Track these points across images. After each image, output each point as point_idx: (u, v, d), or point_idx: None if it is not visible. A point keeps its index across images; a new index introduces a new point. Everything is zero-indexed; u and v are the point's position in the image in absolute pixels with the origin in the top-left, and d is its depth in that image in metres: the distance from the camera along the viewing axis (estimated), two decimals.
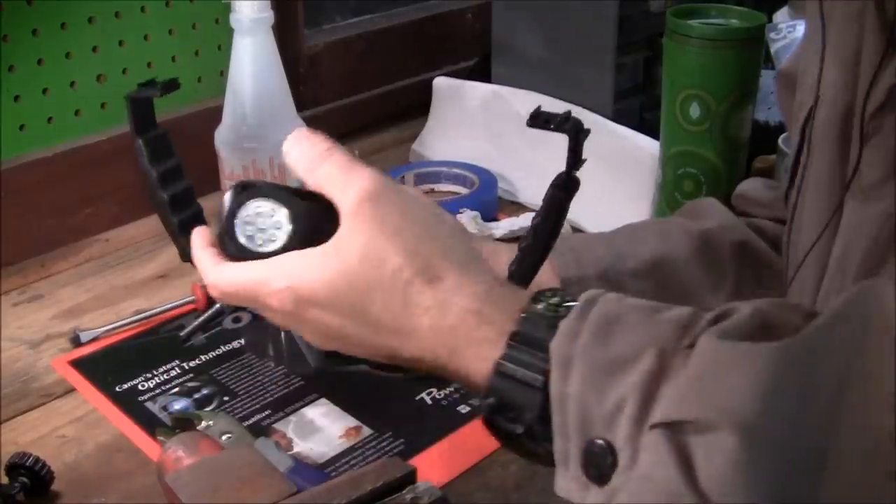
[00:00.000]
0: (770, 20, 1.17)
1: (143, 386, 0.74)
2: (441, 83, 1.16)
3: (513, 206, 1.05)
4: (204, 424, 0.66)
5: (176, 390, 0.74)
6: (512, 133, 1.08)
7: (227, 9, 0.85)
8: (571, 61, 1.05)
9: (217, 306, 0.82)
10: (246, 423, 0.69)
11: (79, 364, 0.78)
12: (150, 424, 0.70)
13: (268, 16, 0.85)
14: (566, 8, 1.04)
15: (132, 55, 1.00)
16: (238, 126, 0.87)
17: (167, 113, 1.00)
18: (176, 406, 0.72)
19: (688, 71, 0.84)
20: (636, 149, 0.98)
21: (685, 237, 0.74)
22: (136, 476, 0.66)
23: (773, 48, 1.13)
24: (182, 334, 0.80)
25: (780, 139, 0.87)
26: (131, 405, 0.72)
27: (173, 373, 0.76)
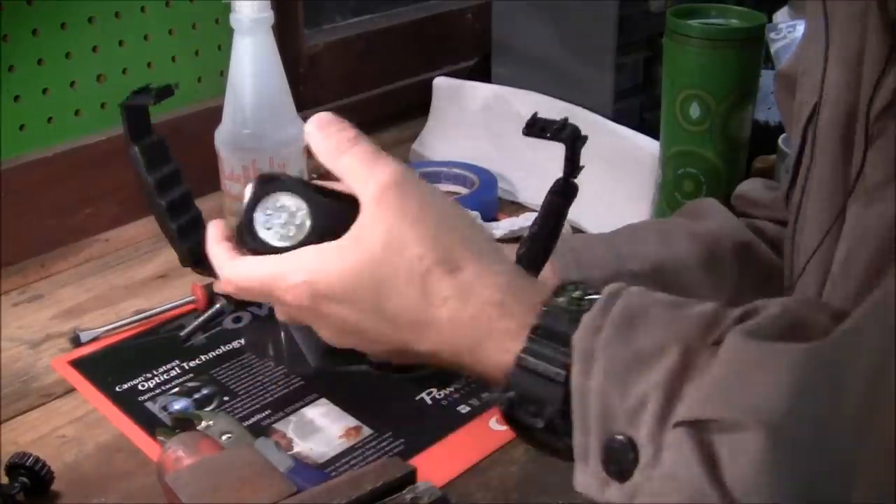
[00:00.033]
0: (770, 20, 1.17)
1: (143, 386, 0.74)
2: (441, 83, 1.16)
3: (513, 206, 1.05)
4: (204, 424, 0.66)
5: (176, 390, 0.74)
6: (512, 133, 1.08)
7: (227, 9, 0.85)
8: (571, 61, 1.05)
9: (217, 306, 0.82)
10: (246, 423, 0.69)
11: (79, 364, 0.78)
12: (150, 424, 0.70)
13: (268, 16, 0.85)
14: (566, 8, 1.04)
15: (132, 55, 1.00)
16: (238, 126, 0.87)
17: (167, 113, 1.00)
18: (176, 406, 0.72)
19: (688, 71, 0.84)
20: (636, 149, 0.98)
21: (686, 238, 0.74)
22: (136, 476, 0.66)
23: (773, 48, 1.13)
24: (182, 334, 0.80)
25: (780, 139, 0.87)
26: (131, 405, 0.72)
27: (173, 373, 0.76)
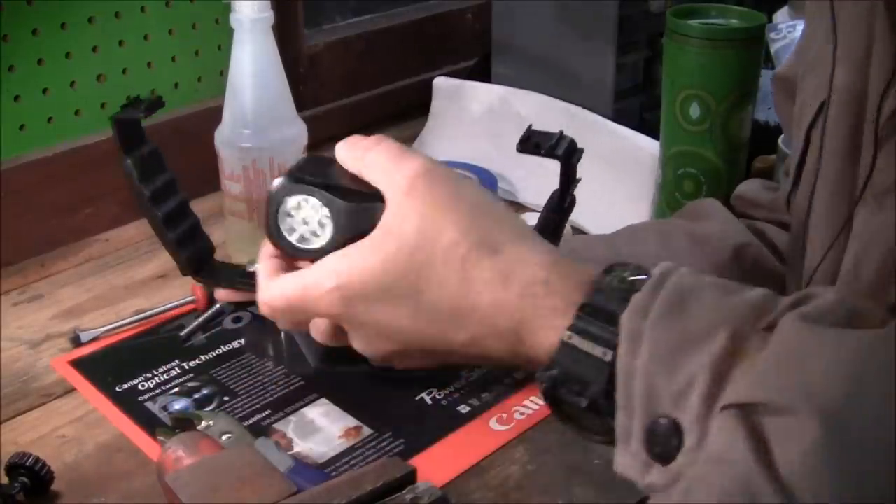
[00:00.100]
0: (770, 20, 1.17)
1: (143, 386, 0.74)
2: (441, 83, 1.16)
3: (513, 207, 1.05)
4: (204, 424, 0.66)
5: (176, 390, 0.74)
6: (512, 133, 1.07)
7: (227, 9, 0.85)
8: (571, 61, 1.05)
9: (217, 306, 0.82)
10: (246, 423, 0.69)
11: (79, 364, 0.77)
12: (150, 424, 0.70)
13: (268, 16, 0.85)
14: (566, 8, 1.04)
15: (132, 55, 1.00)
16: (238, 126, 0.87)
17: (167, 113, 1.00)
18: (176, 406, 0.72)
19: (688, 71, 0.84)
20: (636, 149, 0.98)
21: (686, 239, 0.74)
22: (136, 476, 0.66)
23: (773, 48, 1.13)
24: (182, 334, 0.80)
25: (780, 139, 0.87)
26: (131, 405, 0.72)
27: (173, 373, 0.76)
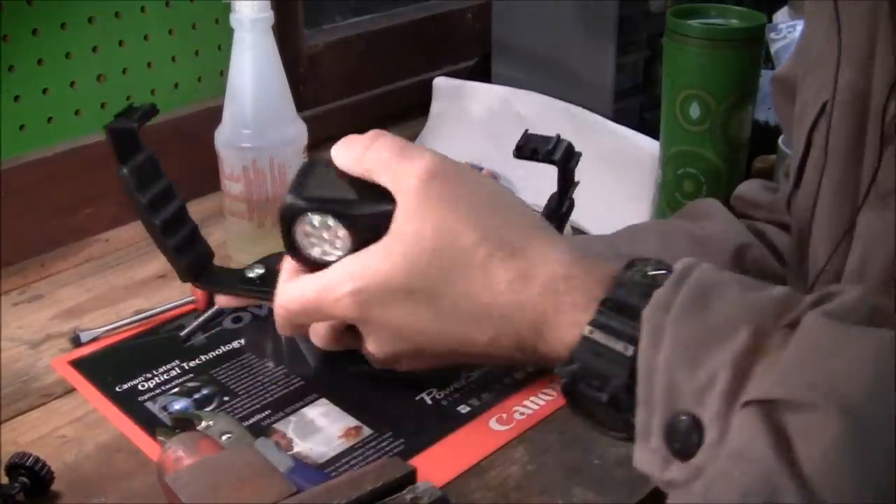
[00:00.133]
0: (770, 20, 1.17)
1: (143, 386, 0.74)
2: (441, 83, 1.16)
3: None
4: (204, 424, 0.66)
5: (176, 390, 0.74)
6: (512, 133, 1.07)
7: (227, 9, 0.85)
8: (571, 61, 1.05)
9: (217, 306, 0.82)
10: (246, 423, 0.69)
11: (79, 364, 0.77)
12: (150, 424, 0.70)
13: (268, 16, 0.85)
14: (566, 8, 1.04)
15: (132, 55, 1.00)
16: (238, 126, 0.87)
17: (167, 113, 1.00)
18: (176, 406, 0.72)
19: (688, 71, 0.84)
20: (636, 149, 0.98)
21: (686, 239, 0.74)
22: (136, 476, 0.66)
23: (773, 48, 1.13)
24: (182, 334, 0.80)
25: (780, 139, 0.87)
26: (131, 405, 0.72)
27: (173, 373, 0.76)
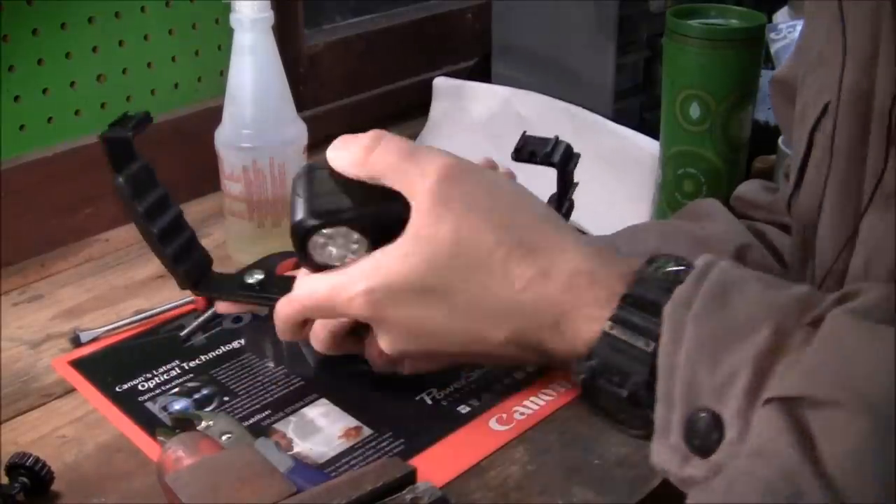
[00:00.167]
0: (770, 20, 1.17)
1: (143, 386, 0.74)
2: (441, 83, 1.16)
3: None
4: (204, 424, 0.66)
5: (176, 390, 0.74)
6: (512, 133, 1.07)
7: (227, 9, 0.85)
8: (571, 61, 1.05)
9: (217, 313, 0.82)
10: (246, 423, 0.69)
11: (79, 364, 0.77)
12: (150, 424, 0.70)
13: (268, 16, 0.85)
14: (566, 8, 1.04)
15: (132, 55, 1.00)
16: (238, 126, 0.87)
17: (167, 113, 1.00)
18: (176, 406, 0.72)
19: (688, 71, 0.84)
20: (636, 149, 0.98)
21: (686, 240, 0.73)
22: (136, 476, 0.66)
23: (773, 48, 1.13)
24: (182, 334, 0.80)
25: (780, 140, 0.87)
26: (131, 405, 0.72)
27: (173, 373, 0.76)
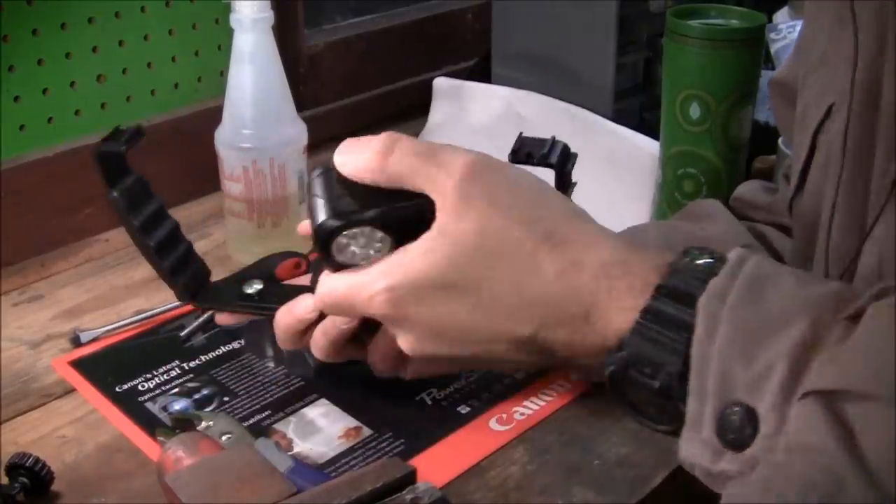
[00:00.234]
0: (770, 20, 1.17)
1: (143, 386, 0.74)
2: (441, 83, 1.16)
3: None
4: (204, 425, 0.66)
5: (176, 391, 0.74)
6: (512, 133, 1.07)
7: (227, 9, 0.85)
8: (571, 61, 1.05)
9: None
10: (246, 424, 0.69)
11: (79, 364, 0.77)
12: (150, 425, 0.70)
13: (268, 16, 0.85)
14: (566, 8, 1.04)
15: (132, 55, 1.00)
16: (238, 126, 0.87)
17: (167, 113, 1.00)
18: (176, 406, 0.72)
19: (688, 71, 0.84)
20: (636, 149, 0.98)
21: (686, 241, 0.73)
22: (136, 476, 0.66)
23: (773, 48, 1.13)
24: (182, 334, 0.80)
25: (780, 140, 0.87)
26: (131, 405, 0.72)
27: (173, 373, 0.76)
